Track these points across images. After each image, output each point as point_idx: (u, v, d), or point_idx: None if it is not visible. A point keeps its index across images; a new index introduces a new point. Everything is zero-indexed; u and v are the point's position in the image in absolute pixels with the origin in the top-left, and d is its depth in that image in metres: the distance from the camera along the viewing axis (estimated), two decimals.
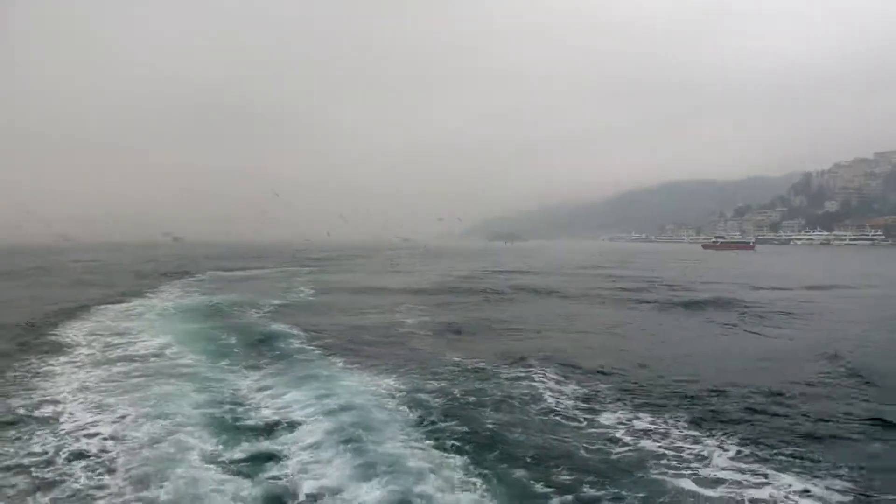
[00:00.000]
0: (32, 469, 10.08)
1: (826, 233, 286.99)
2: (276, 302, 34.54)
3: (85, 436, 11.54)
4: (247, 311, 30.42)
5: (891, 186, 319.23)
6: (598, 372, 17.28)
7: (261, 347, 20.98)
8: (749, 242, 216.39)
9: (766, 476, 10.36)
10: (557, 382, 16.17)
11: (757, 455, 11.25)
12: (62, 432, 11.70)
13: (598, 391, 15.40)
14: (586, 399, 14.70)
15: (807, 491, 9.84)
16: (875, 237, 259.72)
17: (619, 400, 14.66)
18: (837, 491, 9.81)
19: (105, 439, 11.35)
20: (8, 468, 10.10)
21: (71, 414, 12.88)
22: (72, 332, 23.49)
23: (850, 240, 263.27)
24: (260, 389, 15.39)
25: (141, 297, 36.24)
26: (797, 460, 11.01)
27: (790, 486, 9.99)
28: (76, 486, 9.50)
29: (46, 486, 9.49)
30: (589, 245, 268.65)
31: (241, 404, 14.04)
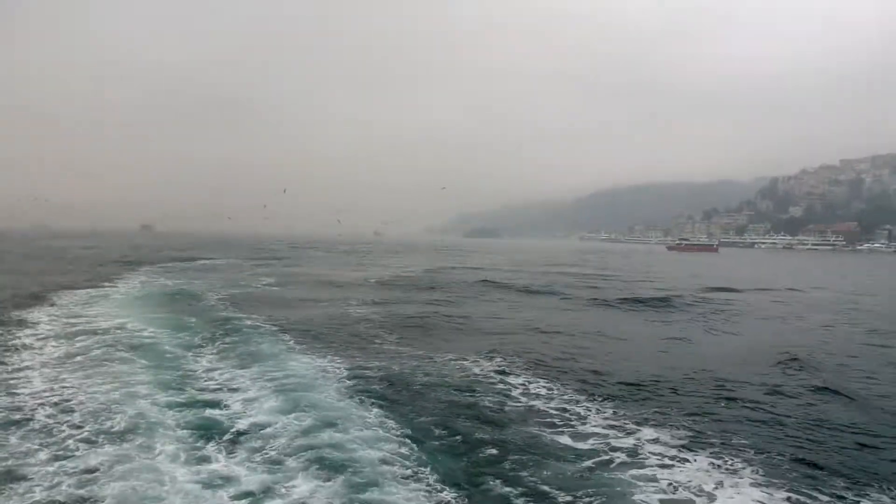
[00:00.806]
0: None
1: (790, 237, 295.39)
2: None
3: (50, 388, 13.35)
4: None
5: (854, 193, 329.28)
6: (520, 354, 19.50)
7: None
8: (713, 245, 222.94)
9: (628, 431, 12.58)
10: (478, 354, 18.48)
11: (626, 414, 13.48)
12: (34, 386, 13.49)
13: (514, 363, 17.75)
14: (501, 371, 16.94)
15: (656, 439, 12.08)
16: (836, 242, 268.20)
17: (527, 370, 16.97)
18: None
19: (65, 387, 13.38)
20: None
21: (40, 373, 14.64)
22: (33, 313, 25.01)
23: (812, 245, 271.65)
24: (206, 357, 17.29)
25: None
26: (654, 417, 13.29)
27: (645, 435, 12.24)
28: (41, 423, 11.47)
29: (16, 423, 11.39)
30: (557, 244, 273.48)
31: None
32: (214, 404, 13.12)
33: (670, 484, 9.95)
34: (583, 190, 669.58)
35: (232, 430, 11.59)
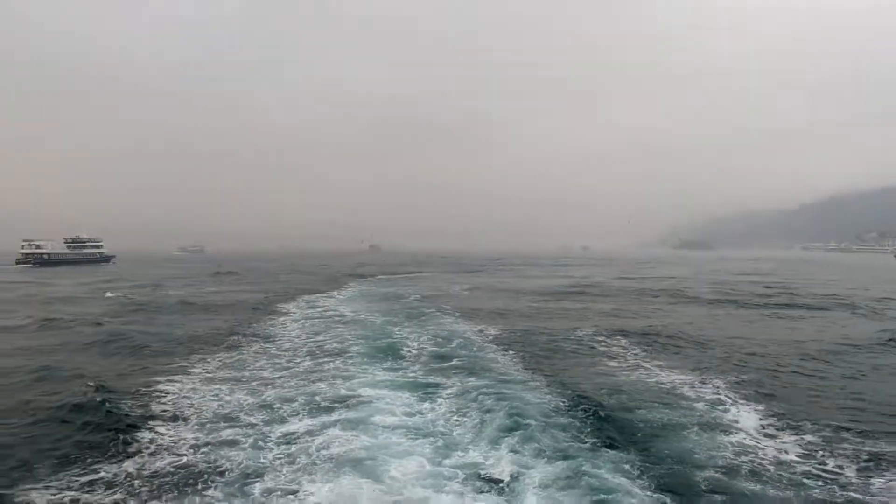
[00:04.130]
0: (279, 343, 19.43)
1: None
2: None
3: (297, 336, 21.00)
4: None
5: None
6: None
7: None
8: None
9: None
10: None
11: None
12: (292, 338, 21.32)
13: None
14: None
15: None
16: None
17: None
18: None
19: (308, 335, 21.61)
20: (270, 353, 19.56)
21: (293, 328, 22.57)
22: (287, 305, 34.47)
23: None
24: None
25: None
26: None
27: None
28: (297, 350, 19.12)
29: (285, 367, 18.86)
30: (773, 255, 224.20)
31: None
32: (397, 352, 19.35)
33: None
34: (804, 197, 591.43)
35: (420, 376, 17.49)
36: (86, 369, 16.90)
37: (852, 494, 8.95)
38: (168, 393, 14.07)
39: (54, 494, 8.67)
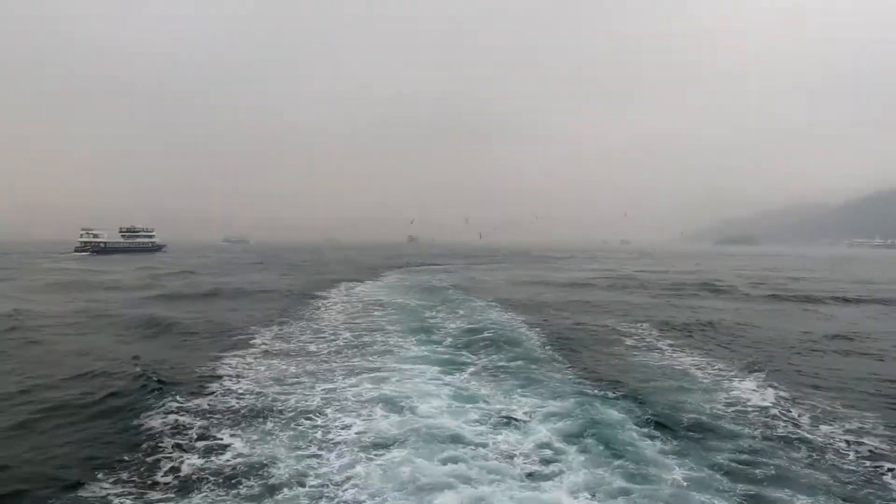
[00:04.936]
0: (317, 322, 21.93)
1: None
2: None
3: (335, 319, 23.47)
4: None
5: None
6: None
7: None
8: None
9: None
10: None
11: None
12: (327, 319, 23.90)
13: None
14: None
15: None
16: None
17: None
18: None
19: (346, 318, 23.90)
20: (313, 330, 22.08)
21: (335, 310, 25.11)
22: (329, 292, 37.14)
23: None
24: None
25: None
26: None
27: None
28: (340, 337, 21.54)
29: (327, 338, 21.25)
30: (816, 252, 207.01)
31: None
32: (429, 332, 21.55)
33: None
34: (854, 192, 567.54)
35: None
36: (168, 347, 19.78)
37: None
38: (229, 364, 16.16)
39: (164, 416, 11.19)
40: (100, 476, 8.82)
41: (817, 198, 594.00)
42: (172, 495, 8.29)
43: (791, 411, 12.11)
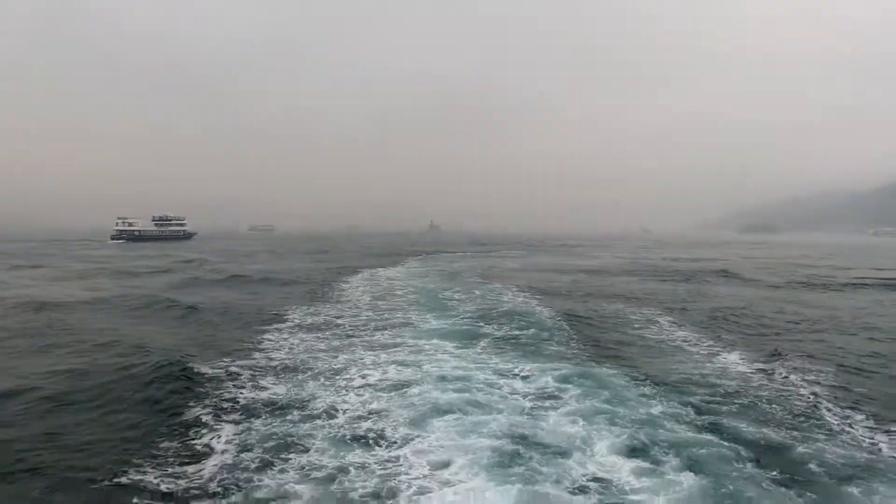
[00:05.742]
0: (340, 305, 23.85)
1: None
2: None
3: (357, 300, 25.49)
4: None
5: None
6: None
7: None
8: None
9: None
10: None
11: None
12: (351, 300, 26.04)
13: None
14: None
15: None
16: None
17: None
18: None
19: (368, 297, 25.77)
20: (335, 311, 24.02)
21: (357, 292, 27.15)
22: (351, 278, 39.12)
23: None
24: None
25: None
26: None
27: None
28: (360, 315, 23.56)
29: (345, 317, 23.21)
30: (840, 241, 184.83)
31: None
32: (447, 311, 23.24)
33: None
34: (882, 178, 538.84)
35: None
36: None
37: None
38: (269, 338, 17.85)
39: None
40: (179, 402, 11.23)
41: (843, 185, 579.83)
42: (237, 417, 10.46)
43: (773, 374, 13.68)
